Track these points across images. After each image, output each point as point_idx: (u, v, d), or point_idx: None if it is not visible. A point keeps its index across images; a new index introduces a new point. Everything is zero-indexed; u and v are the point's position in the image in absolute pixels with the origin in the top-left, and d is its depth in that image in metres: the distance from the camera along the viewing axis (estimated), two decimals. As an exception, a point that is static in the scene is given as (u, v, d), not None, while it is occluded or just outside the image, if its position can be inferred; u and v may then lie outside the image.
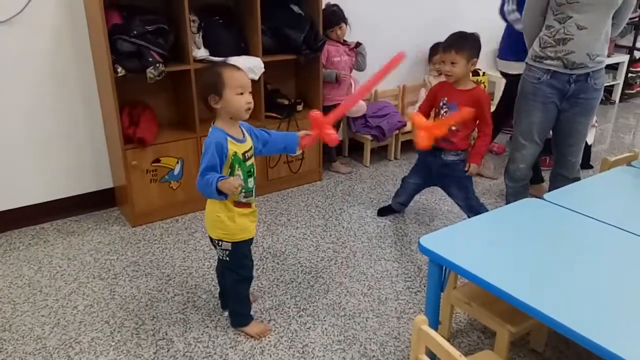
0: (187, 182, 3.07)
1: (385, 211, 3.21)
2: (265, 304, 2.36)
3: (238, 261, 2.06)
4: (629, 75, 5.80)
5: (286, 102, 3.44)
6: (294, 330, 2.20)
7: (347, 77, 3.58)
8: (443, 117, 2.64)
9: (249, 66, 2.99)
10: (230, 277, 2.10)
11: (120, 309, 2.32)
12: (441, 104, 2.68)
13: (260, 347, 2.10)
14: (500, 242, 1.77)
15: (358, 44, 3.61)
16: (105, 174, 3.19)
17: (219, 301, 2.33)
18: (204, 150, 1.86)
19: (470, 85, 2.66)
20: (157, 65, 2.72)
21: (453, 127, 2.64)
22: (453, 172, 2.77)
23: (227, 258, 2.03)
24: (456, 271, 1.69)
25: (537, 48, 2.59)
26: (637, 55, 5.83)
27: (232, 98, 1.85)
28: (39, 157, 2.95)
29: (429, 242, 1.72)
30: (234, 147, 1.89)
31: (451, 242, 1.76)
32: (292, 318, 2.28)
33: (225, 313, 2.27)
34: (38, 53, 2.79)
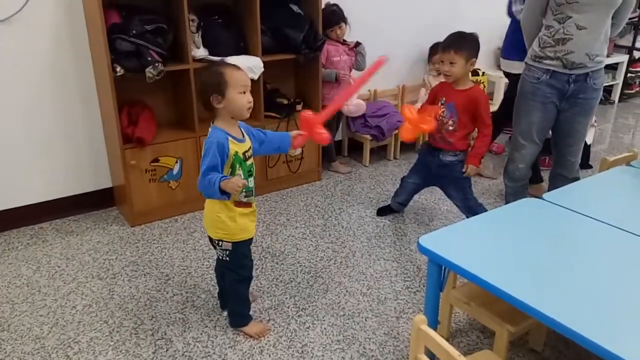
0: (186, 182, 3.07)
1: (385, 211, 3.21)
2: (264, 304, 2.36)
3: (238, 261, 2.06)
4: (628, 75, 5.80)
5: (285, 101, 3.44)
6: (293, 330, 2.20)
7: (347, 76, 3.57)
8: (438, 115, 2.65)
9: (248, 66, 2.98)
10: (230, 277, 2.10)
11: (119, 309, 2.32)
12: (440, 104, 2.68)
13: (259, 346, 2.10)
14: (500, 242, 1.77)
15: (358, 44, 3.61)
16: (104, 174, 3.19)
17: (218, 301, 2.32)
18: (204, 151, 1.85)
19: (468, 85, 2.66)
20: (156, 64, 2.71)
21: (450, 127, 2.64)
22: (451, 173, 2.77)
23: (227, 258, 2.03)
24: (455, 271, 1.69)
25: (536, 48, 2.59)
26: (636, 55, 5.83)
27: (235, 97, 1.85)
28: (37, 156, 2.94)
29: (428, 241, 1.72)
30: (234, 146, 1.89)
31: (450, 242, 1.76)
32: (291, 318, 2.28)
33: (224, 313, 2.27)
34: (37, 52, 2.78)
